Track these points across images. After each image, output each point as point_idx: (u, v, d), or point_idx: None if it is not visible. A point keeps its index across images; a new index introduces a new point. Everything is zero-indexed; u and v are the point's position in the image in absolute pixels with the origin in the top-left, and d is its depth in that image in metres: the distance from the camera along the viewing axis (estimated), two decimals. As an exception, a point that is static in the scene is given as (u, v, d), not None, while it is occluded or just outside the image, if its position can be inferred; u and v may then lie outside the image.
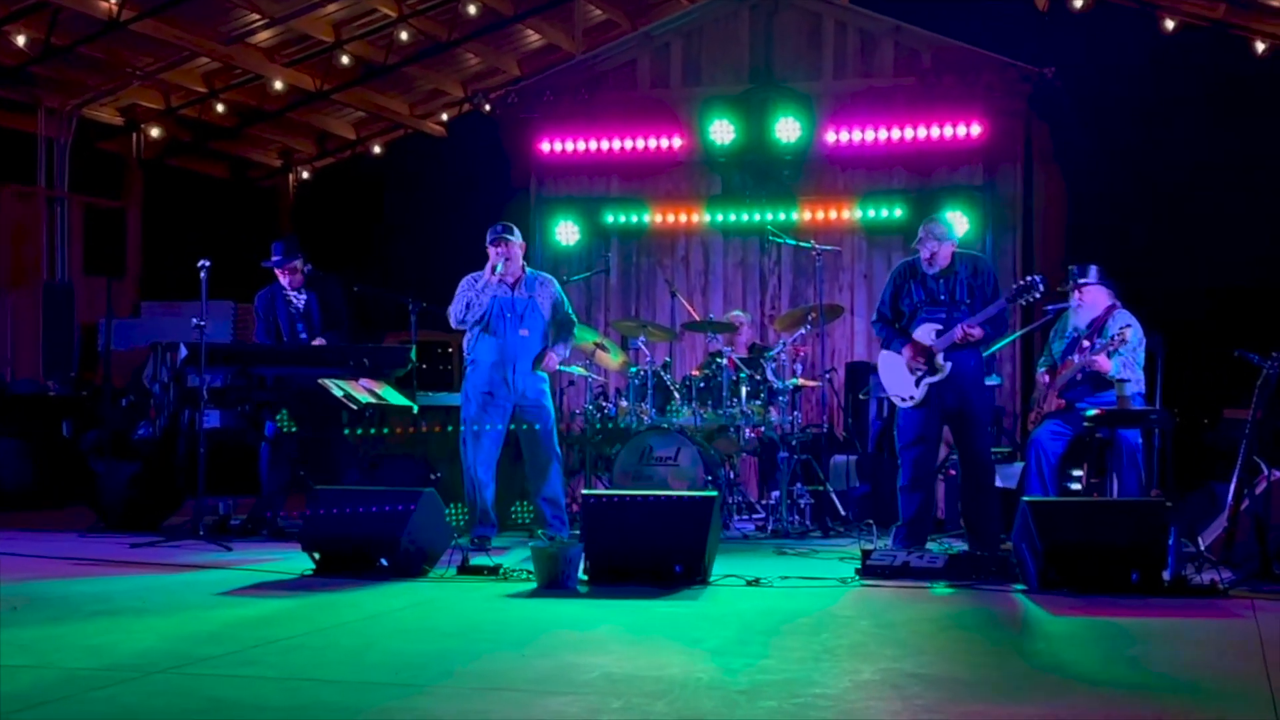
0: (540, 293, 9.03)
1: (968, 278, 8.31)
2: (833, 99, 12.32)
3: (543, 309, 9.00)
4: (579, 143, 12.76)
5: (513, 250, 8.96)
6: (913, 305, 8.37)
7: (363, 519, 7.50)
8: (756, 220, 12.41)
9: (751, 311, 12.33)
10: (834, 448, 10.77)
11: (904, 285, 8.44)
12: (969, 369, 8.23)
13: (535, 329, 8.94)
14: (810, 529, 9.90)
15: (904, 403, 8.33)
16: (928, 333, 8.26)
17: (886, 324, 8.49)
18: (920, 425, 8.26)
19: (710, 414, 10.23)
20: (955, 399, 8.20)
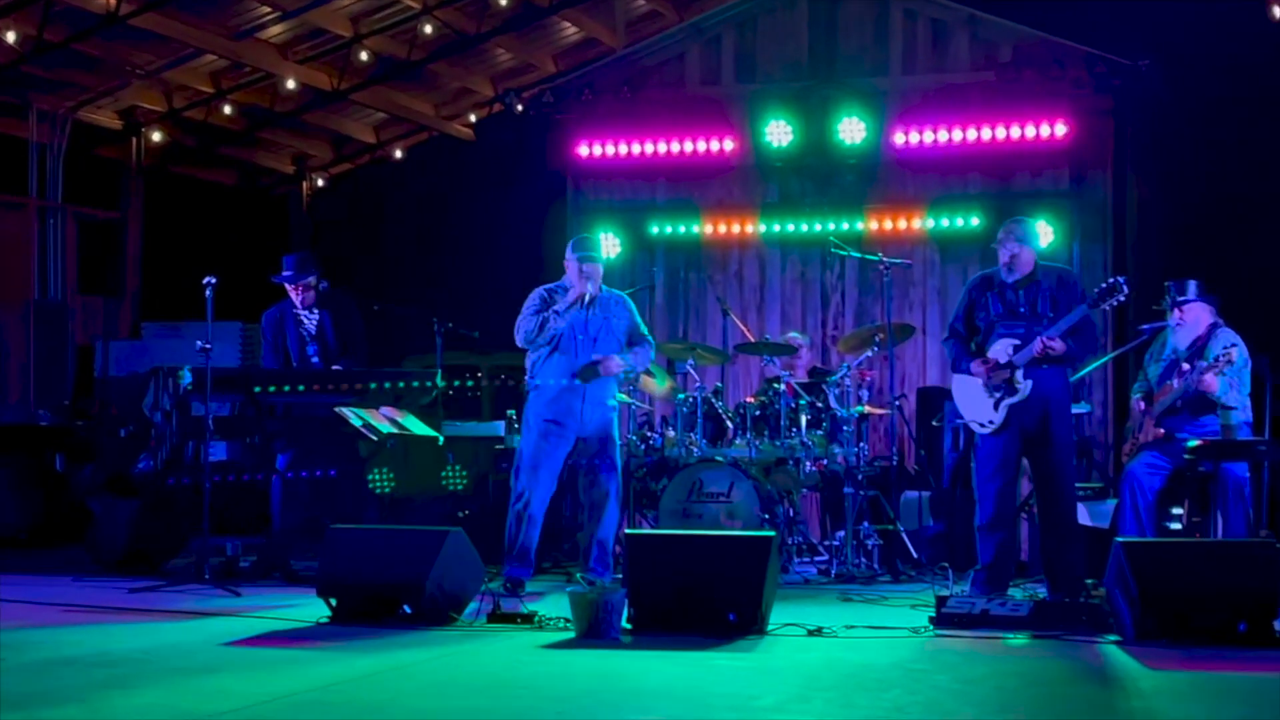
0: (615, 312, 9.08)
1: (1051, 289, 8.26)
2: (901, 97, 12.30)
3: (618, 329, 9.06)
4: (621, 146, 12.79)
5: (598, 271, 9.04)
6: (988, 319, 8.33)
7: (384, 561, 7.52)
8: (817, 231, 12.39)
9: (812, 332, 12.30)
10: (904, 483, 10.71)
11: (979, 298, 8.40)
12: (1053, 390, 8.17)
13: (608, 351, 8.99)
14: (879, 573, 9.85)
15: (982, 428, 8.29)
16: (1004, 349, 8.21)
17: (959, 341, 8.45)
18: (1000, 454, 8.22)
19: (767, 445, 10.21)
20: (1036, 423, 8.16)
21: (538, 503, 8.87)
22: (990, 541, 8.22)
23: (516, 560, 8.85)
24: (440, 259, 16.48)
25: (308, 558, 9.53)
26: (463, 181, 16.68)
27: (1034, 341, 8.07)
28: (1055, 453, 8.18)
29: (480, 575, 7.88)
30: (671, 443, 10.41)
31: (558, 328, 8.90)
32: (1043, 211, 11.69)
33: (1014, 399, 8.15)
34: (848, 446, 10.21)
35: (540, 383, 9.00)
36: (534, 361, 9.07)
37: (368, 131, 16.98)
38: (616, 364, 8.99)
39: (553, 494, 9.02)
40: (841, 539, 10.05)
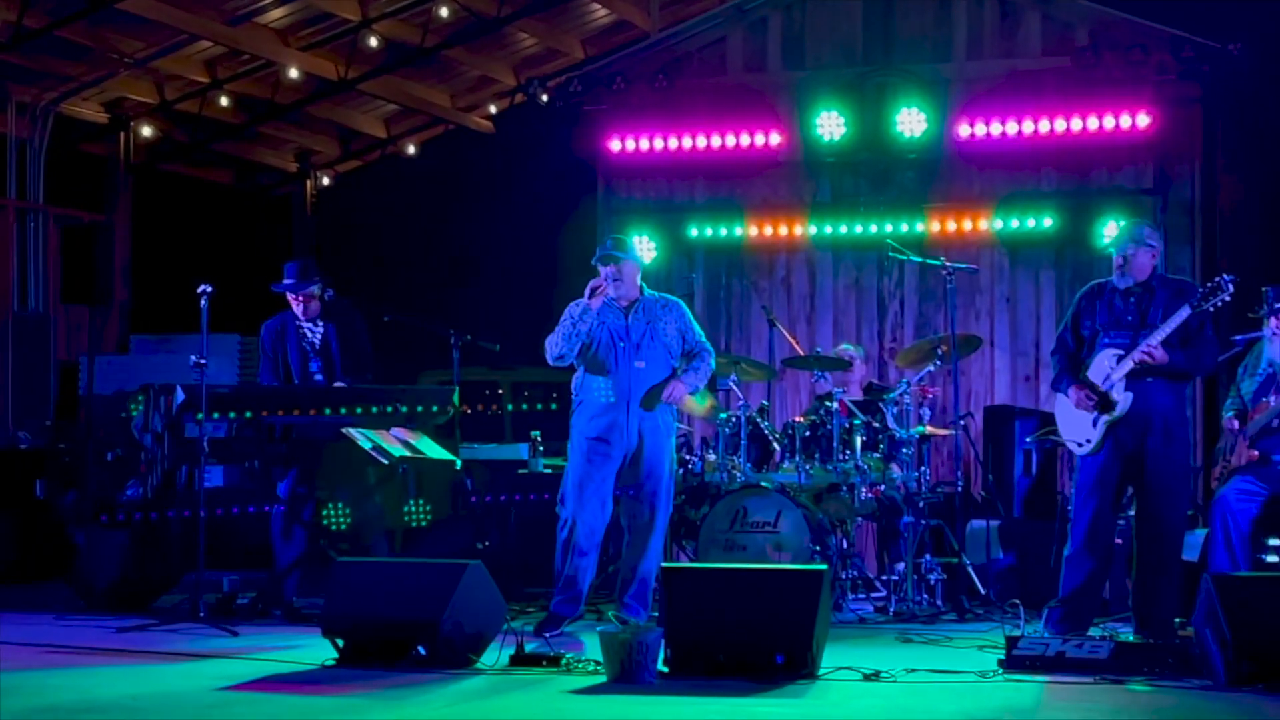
0: (661, 317, 9.08)
1: (1168, 299, 8.22)
2: (966, 85, 12.28)
3: (665, 338, 9.05)
4: (656, 140, 12.79)
5: (626, 269, 9.02)
6: (1093, 329, 8.32)
7: (395, 597, 7.52)
8: (873, 233, 12.37)
9: (867, 344, 12.28)
10: (970, 511, 10.68)
11: (1088, 307, 8.40)
12: (1159, 406, 8.13)
13: (655, 361, 8.98)
14: (942, 610, 9.82)
15: (1079, 449, 8.29)
16: (1106, 360, 8.18)
17: (1063, 357, 8.45)
18: (1096, 476, 8.19)
19: (818, 469, 10.18)
20: (1137, 444, 8.13)
21: (584, 531, 8.85)
22: (1077, 572, 8.19)
23: (560, 593, 8.85)
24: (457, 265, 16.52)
25: (312, 594, 9.54)
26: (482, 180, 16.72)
27: (1135, 350, 8.05)
28: (1159, 478, 8.14)
29: (502, 613, 7.88)
30: (712, 467, 10.39)
31: (582, 336, 8.91)
32: (1122, 211, 11.63)
33: (1111, 415, 8.13)
34: (907, 471, 10.17)
35: (583, 398, 9.01)
36: (576, 379, 9.10)
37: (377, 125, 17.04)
38: (682, 389, 8.99)
39: (606, 522, 8.98)
40: (901, 573, 10.01)
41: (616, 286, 8.97)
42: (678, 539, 10.57)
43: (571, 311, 8.99)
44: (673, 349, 9.06)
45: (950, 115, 12.19)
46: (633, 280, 9.07)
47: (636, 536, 8.97)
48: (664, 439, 9.02)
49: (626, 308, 9.03)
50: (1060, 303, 11.94)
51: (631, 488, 8.96)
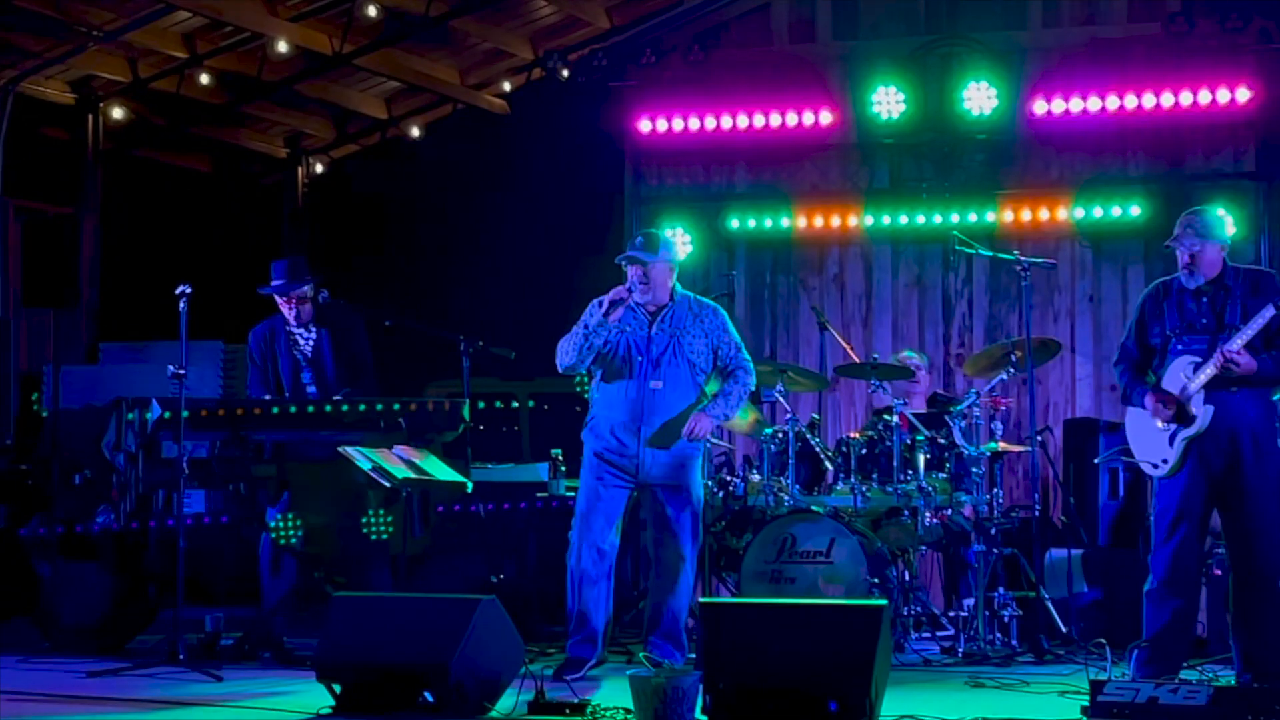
0: (691, 329, 9.01)
1: (1244, 296, 8.18)
2: (1042, 56, 12.27)
3: (692, 351, 8.97)
4: (691, 119, 12.81)
5: (656, 271, 8.97)
6: (1163, 335, 8.28)
7: (400, 637, 7.54)
8: (937, 223, 12.37)
9: (931, 350, 12.27)
10: (1049, 539, 10.65)
11: (1154, 310, 8.36)
12: (1247, 419, 8.10)
13: (675, 381, 8.92)
14: (1018, 651, 9.80)
15: (1155, 470, 8.25)
16: (1182, 369, 8.16)
17: (1130, 366, 8.41)
18: (1178, 501, 8.16)
19: (876, 492, 10.18)
20: (1224, 462, 8.10)
21: (591, 557, 8.87)
22: (1161, 610, 8.17)
23: (574, 633, 8.88)
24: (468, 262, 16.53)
25: (305, 633, 9.56)
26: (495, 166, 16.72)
27: (1214, 355, 8.02)
28: (1251, 499, 8.11)
29: (519, 654, 7.89)
30: (756, 489, 10.39)
31: (594, 347, 8.87)
32: (1220, 198, 11.61)
33: (1190, 431, 8.10)
34: (977, 493, 10.16)
35: (596, 412, 9.04)
36: (593, 385, 9.14)
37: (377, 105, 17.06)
38: (707, 425, 8.94)
39: (616, 548, 9.01)
40: (970, 609, 10.00)
41: (643, 291, 8.95)
42: (717, 570, 10.58)
43: (592, 311, 8.96)
44: (700, 365, 9.00)
45: (1024, 90, 12.19)
46: (664, 283, 9.03)
47: (664, 570, 8.99)
48: (690, 461, 9.00)
49: (654, 314, 9.00)
50: (1151, 302, 11.90)
51: (655, 518, 8.98)
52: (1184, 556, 8.17)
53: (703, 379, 9.03)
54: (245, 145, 17.13)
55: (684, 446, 8.94)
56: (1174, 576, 8.16)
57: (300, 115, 16.95)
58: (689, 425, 8.85)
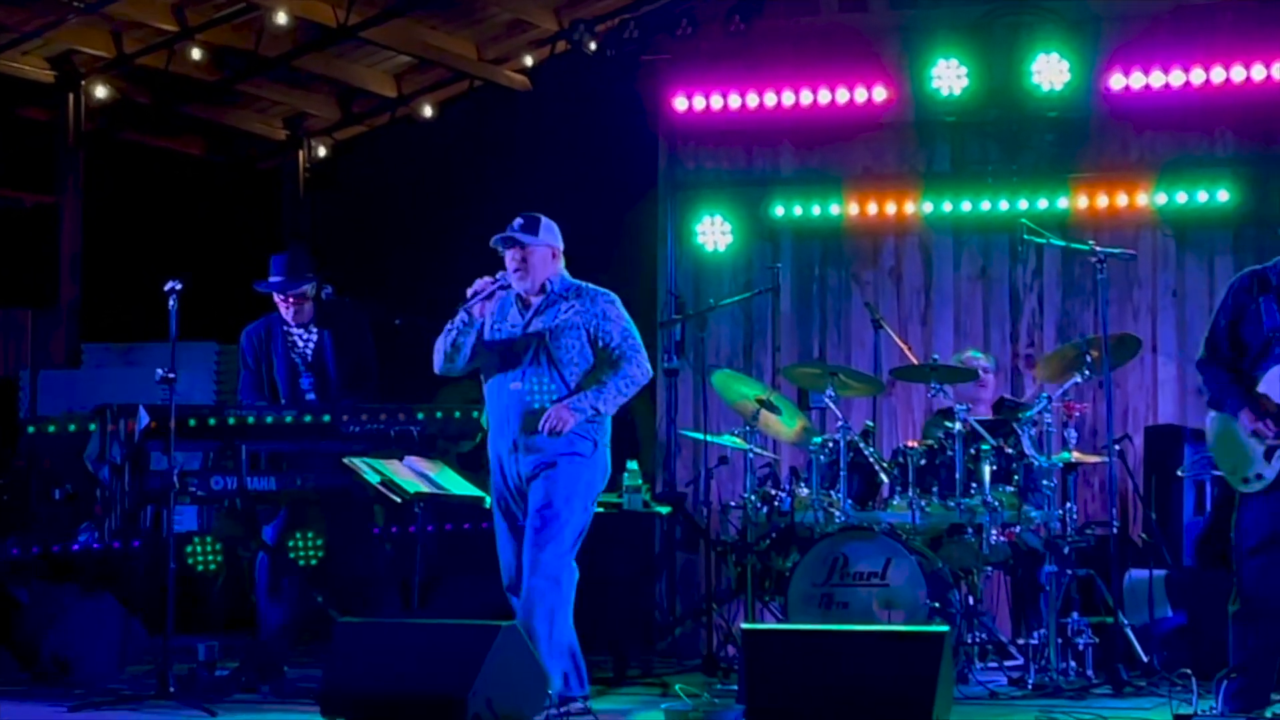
0: (568, 319, 8.68)
1: None
2: (1120, 24, 12.26)
3: (558, 345, 8.62)
4: (732, 96, 12.82)
5: (536, 256, 8.75)
6: (1262, 335, 8.22)
7: (412, 668, 7.55)
8: (1004, 210, 12.36)
9: (998, 350, 12.26)
10: (1129, 559, 10.63)
11: (1249, 305, 8.30)
12: None
13: (542, 380, 8.58)
14: (1094, 682, 9.78)
15: (1246, 485, 8.21)
16: None
17: (1220, 368, 8.36)
18: (1270, 521, 8.13)
19: (936, 507, 10.17)
20: (1320, 475, 8.07)
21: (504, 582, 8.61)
22: (1248, 637, 8.14)
23: None
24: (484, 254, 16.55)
25: (307, 663, 9.59)
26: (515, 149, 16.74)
27: None
28: None
29: (543, 687, 7.91)
30: (804, 504, 10.39)
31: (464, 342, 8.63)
32: (1319, 180, 11.63)
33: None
34: (1049, 509, 10.14)
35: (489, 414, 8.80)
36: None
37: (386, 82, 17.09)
38: (567, 418, 8.45)
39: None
40: (1041, 636, 9.98)
41: (520, 279, 8.71)
42: (761, 594, 10.58)
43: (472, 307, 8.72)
44: (569, 361, 8.62)
45: (1100, 62, 12.18)
46: (544, 270, 8.76)
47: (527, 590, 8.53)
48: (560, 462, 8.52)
49: (529, 306, 8.73)
50: (1241, 296, 11.88)
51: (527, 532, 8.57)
52: (1273, 578, 8.13)
53: (574, 375, 8.62)
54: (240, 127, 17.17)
55: (551, 450, 8.52)
56: (1262, 599, 8.12)
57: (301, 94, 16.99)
58: (545, 419, 8.45)
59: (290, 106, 17.18)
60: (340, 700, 7.65)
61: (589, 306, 8.71)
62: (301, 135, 17.47)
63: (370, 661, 7.67)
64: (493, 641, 7.54)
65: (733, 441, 10.91)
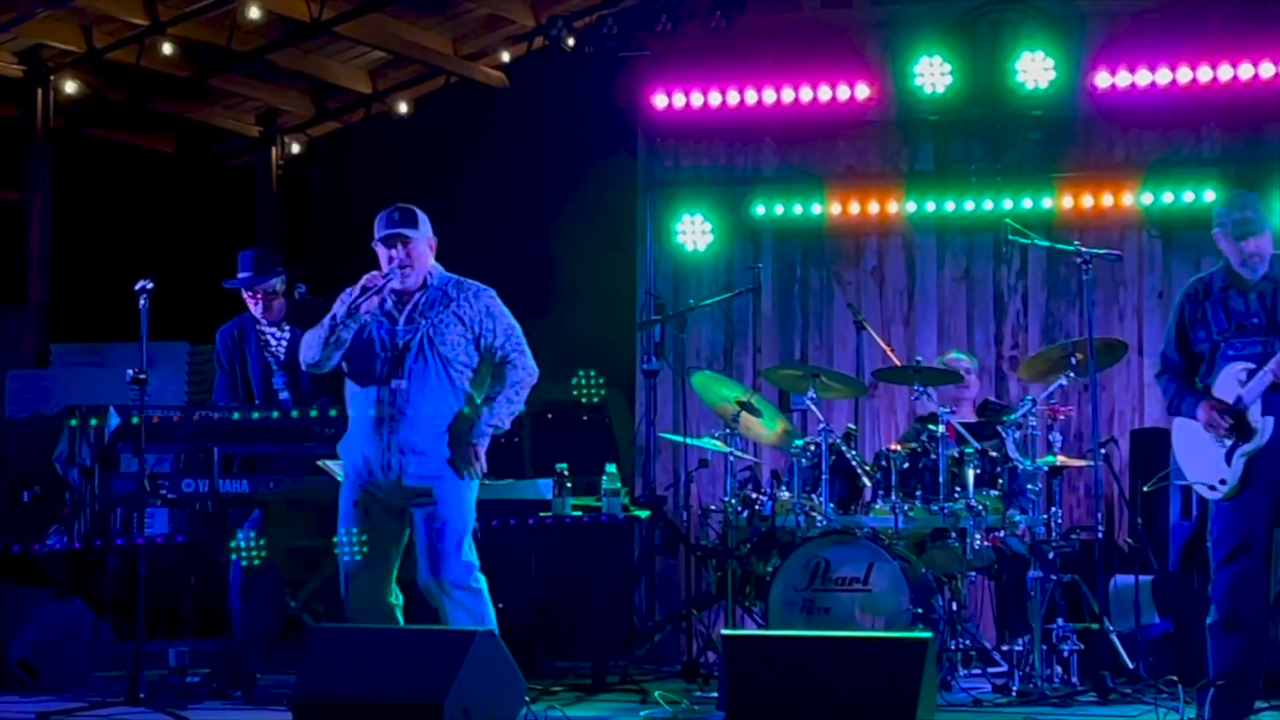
0: (448, 316, 8.51)
1: None
2: (1105, 21, 12.27)
3: (445, 343, 8.43)
4: (712, 94, 12.81)
5: (419, 250, 8.60)
6: (1210, 339, 8.24)
7: (386, 674, 7.54)
8: (988, 210, 12.37)
9: (982, 352, 12.27)
10: (1115, 564, 10.65)
11: (1196, 312, 8.32)
12: None
13: (424, 378, 8.35)
14: (1079, 690, 9.79)
15: (1213, 492, 8.21)
16: (1235, 376, 8.12)
17: (1174, 375, 8.38)
18: (1240, 526, 8.14)
19: (919, 511, 10.18)
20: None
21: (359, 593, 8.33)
22: (1226, 646, 8.15)
23: None
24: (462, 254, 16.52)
25: (281, 669, 9.57)
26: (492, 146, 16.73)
27: (1269, 363, 7.96)
28: None
29: (520, 693, 7.90)
30: (785, 508, 10.39)
31: (343, 339, 8.38)
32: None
33: (1249, 446, 8.05)
34: (1033, 513, 10.15)
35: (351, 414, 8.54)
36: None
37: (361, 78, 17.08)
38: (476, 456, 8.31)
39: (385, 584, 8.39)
40: (1026, 643, 9.99)
41: (406, 275, 8.53)
42: (742, 599, 10.57)
43: (343, 300, 8.49)
44: (457, 361, 8.43)
45: (1085, 60, 12.19)
46: (424, 264, 8.64)
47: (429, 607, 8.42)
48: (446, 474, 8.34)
49: (404, 301, 8.54)
50: (1227, 298, 11.89)
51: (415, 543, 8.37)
52: (1247, 587, 8.13)
53: (464, 377, 8.44)
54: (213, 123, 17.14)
55: (438, 458, 8.34)
56: (1237, 609, 8.13)
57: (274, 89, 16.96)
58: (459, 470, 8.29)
59: (263, 103, 17.16)
60: (314, 707, 7.63)
61: (472, 302, 8.57)
62: (275, 132, 17.45)
63: (345, 667, 7.65)
64: (469, 647, 7.53)
65: (713, 444, 10.91)
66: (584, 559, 10.46)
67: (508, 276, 16.10)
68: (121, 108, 16.25)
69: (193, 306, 11.91)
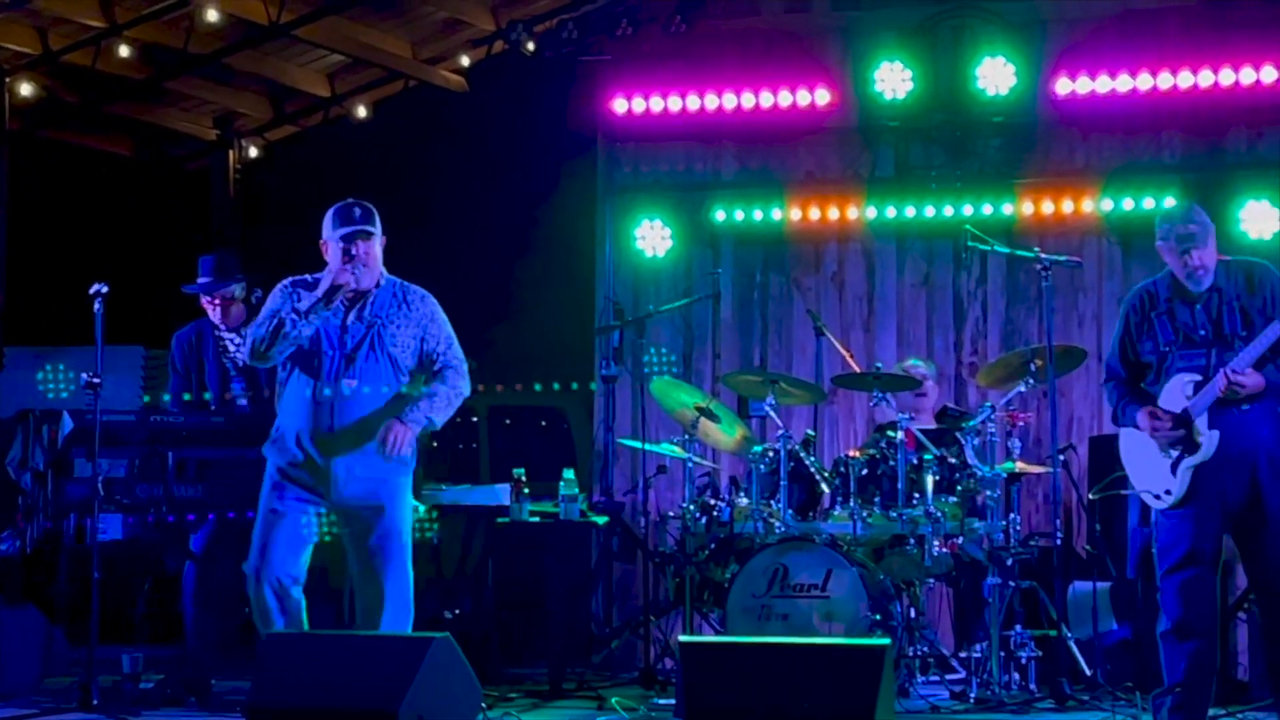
0: (398, 317, 8.49)
1: (1240, 295, 8.11)
2: (1066, 28, 12.30)
3: (395, 344, 8.41)
4: (672, 99, 12.82)
5: (377, 248, 8.55)
6: (1158, 351, 8.24)
7: (341, 681, 7.52)
8: (948, 216, 12.39)
9: (941, 359, 12.29)
10: (1073, 570, 10.67)
11: (1143, 323, 8.33)
12: (1261, 440, 8.05)
13: (375, 378, 8.34)
14: (1037, 696, 9.82)
15: (1158, 502, 8.21)
16: (1181, 388, 8.12)
17: (1119, 385, 8.40)
18: (1186, 537, 8.14)
19: (878, 518, 10.18)
20: (1238, 490, 8.06)
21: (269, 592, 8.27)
22: (1178, 654, 8.15)
23: None
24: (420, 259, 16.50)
25: (235, 675, 9.55)
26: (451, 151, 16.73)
27: (1217, 376, 7.96)
28: (1272, 530, 8.07)
29: (476, 700, 7.90)
30: (744, 514, 10.39)
31: (301, 335, 8.32)
32: (1265, 188, 11.68)
33: (1195, 459, 8.04)
34: (992, 520, 10.17)
35: (280, 422, 8.47)
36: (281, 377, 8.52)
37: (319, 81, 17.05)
38: (405, 435, 8.21)
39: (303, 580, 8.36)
40: (984, 649, 10.01)
41: (367, 272, 8.47)
42: (700, 606, 10.57)
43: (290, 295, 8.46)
44: (403, 362, 8.42)
45: (1046, 67, 12.22)
46: (378, 262, 8.59)
47: (363, 612, 8.37)
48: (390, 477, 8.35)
49: (353, 300, 8.46)
50: (1187, 305, 11.92)
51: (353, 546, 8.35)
52: (1197, 595, 8.11)
53: (406, 379, 8.43)
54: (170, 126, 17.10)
55: (382, 462, 8.28)
56: (1187, 618, 8.11)
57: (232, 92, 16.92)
58: (386, 438, 8.21)
59: (221, 106, 17.12)
60: (268, 714, 7.61)
61: (419, 305, 8.54)
62: (232, 135, 17.40)
63: (299, 674, 7.63)
64: (425, 654, 7.51)
65: (671, 450, 10.92)
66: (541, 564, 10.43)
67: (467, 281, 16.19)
68: (77, 110, 16.19)
69: (148, 310, 11.87)
